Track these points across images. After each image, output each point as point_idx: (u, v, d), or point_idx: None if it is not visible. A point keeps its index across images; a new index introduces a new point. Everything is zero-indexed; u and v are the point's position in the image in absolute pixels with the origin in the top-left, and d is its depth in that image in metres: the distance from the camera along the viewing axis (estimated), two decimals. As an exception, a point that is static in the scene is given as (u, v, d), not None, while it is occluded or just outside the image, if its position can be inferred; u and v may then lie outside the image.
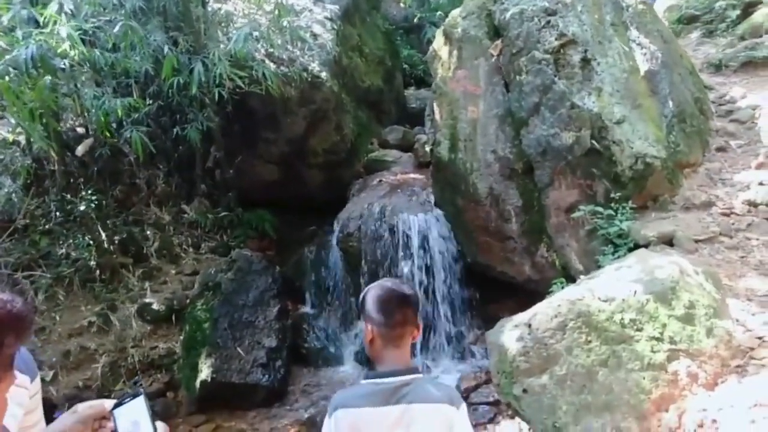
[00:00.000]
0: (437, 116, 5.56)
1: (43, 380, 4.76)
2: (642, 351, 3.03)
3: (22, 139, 5.85)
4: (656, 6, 9.33)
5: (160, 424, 1.28)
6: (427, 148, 6.36)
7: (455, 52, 5.36)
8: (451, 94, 5.36)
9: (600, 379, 3.07)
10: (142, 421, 1.27)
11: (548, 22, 4.65)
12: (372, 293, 1.70)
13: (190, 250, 6.36)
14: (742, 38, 6.93)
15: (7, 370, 1.12)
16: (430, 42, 9.86)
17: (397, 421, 1.54)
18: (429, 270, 5.50)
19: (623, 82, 4.45)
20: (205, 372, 4.93)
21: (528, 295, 5.00)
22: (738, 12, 7.44)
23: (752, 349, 2.96)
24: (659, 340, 3.04)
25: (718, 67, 6.40)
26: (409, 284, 1.77)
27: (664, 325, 3.06)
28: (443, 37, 5.55)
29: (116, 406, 1.29)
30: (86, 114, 5.86)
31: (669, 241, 3.82)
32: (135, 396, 1.29)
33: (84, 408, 1.29)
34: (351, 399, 1.61)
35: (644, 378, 3.00)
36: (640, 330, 3.08)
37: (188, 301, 5.56)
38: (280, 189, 7.01)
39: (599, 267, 4.00)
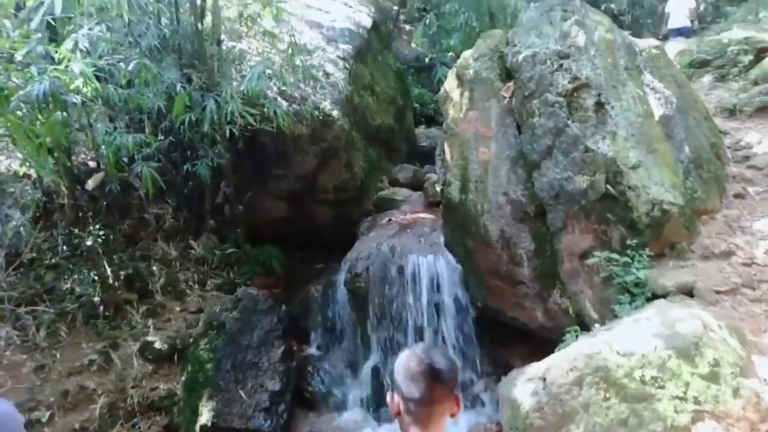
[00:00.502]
0: (448, 157, 5.52)
1: (39, 421, 4.65)
2: (664, 411, 2.87)
3: (32, 172, 5.86)
4: (668, 49, 9.40)
5: None
6: (438, 188, 6.30)
7: (467, 94, 5.35)
8: (462, 135, 5.33)
9: (619, 439, 2.91)
10: None
11: (561, 65, 4.63)
12: (402, 361, 1.52)
13: (196, 286, 6.27)
14: (755, 83, 6.89)
15: None
16: (440, 81, 9.94)
17: None
18: (437, 313, 5.36)
19: (638, 127, 4.40)
20: (205, 416, 4.77)
21: (540, 341, 4.84)
22: (750, 57, 7.42)
23: (783, 411, 2.79)
24: (683, 399, 2.88)
25: (732, 112, 6.35)
26: (445, 353, 1.54)
27: (688, 384, 2.91)
28: (455, 78, 5.56)
29: None
30: (98, 149, 5.87)
31: (688, 292, 3.68)
32: None
33: None
34: None
35: (667, 440, 2.83)
36: (661, 388, 2.93)
37: (191, 340, 5.44)
38: (289, 225, 6.95)
39: (615, 316, 3.87)
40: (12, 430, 1.48)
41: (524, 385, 3.24)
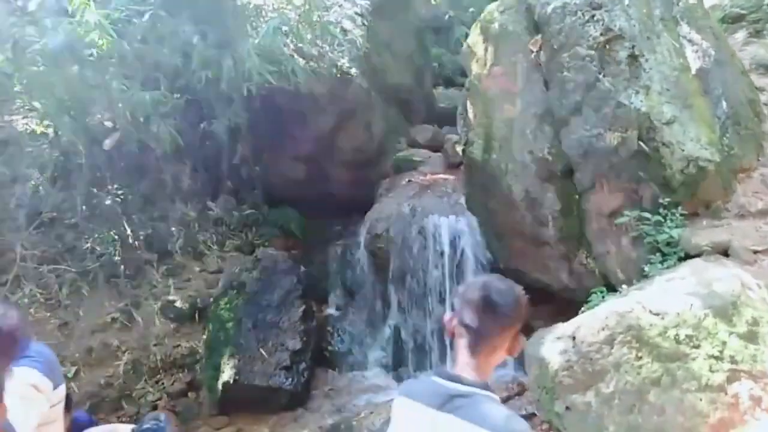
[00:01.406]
0: (470, 115, 5.35)
1: (65, 376, 4.73)
2: (699, 370, 2.80)
3: (50, 131, 5.81)
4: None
5: None
6: (459, 149, 6.15)
7: (491, 49, 5.14)
8: (486, 92, 5.14)
9: (651, 399, 2.85)
10: None
11: (593, 16, 4.39)
12: (465, 285, 1.55)
13: (215, 247, 6.26)
14: (794, 38, 6.58)
15: None
16: (459, 41, 9.64)
17: (434, 429, 1.42)
18: (459, 274, 5.30)
19: (673, 81, 4.19)
20: (227, 373, 4.81)
21: (563, 303, 4.77)
22: (789, 10, 7.07)
23: (824, 372, 2.71)
24: (718, 359, 2.80)
25: (767, 68, 6.06)
26: (509, 291, 1.49)
27: (724, 343, 2.82)
28: (479, 32, 5.34)
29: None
30: (114, 107, 5.79)
31: (724, 251, 3.55)
32: (156, 419, 1.14)
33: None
34: (413, 390, 1.52)
35: (701, 400, 2.77)
36: (696, 347, 2.85)
37: (212, 299, 5.46)
38: (306, 187, 6.88)
39: (645, 277, 3.77)
40: (56, 365, 1.46)
41: (553, 344, 3.18)
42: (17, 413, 1.10)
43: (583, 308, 3.91)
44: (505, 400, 4.57)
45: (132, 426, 1.18)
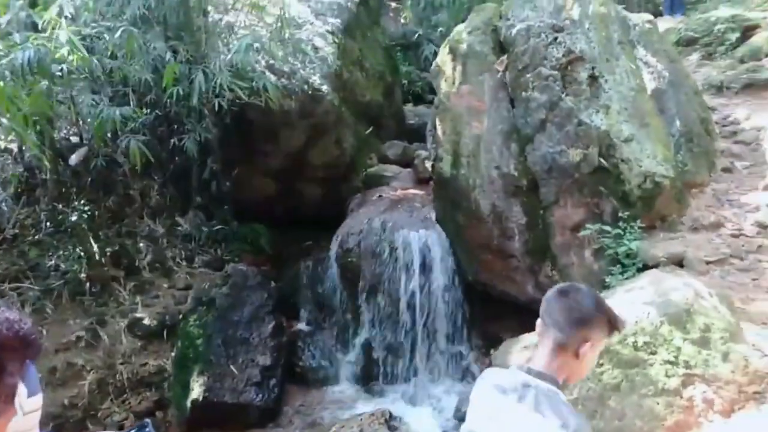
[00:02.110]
0: (439, 132, 5.48)
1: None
2: (656, 375, 2.93)
3: (14, 146, 5.71)
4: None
5: None
6: (428, 164, 6.27)
7: (459, 68, 5.31)
8: (454, 109, 5.29)
9: (612, 404, 2.97)
10: None
11: (555, 38, 4.61)
12: (551, 289, 1.71)
13: (184, 263, 6.19)
14: (742, 61, 6.97)
15: (7, 402, 0.96)
16: (427, 59, 9.86)
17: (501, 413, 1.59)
18: (428, 287, 5.38)
19: (631, 101, 4.41)
20: (196, 390, 4.75)
21: (530, 315, 4.86)
22: (737, 35, 7.49)
23: (770, 375, 2.86)
24: (674, 364, 2.94)
25: (719, 89, 6.41)
26: (584, 299, 1.63)
27: (679, 349, 2.97)
28: (447, 52, 5.50)
29: None
30: (81, 122, 5.74)
31: (679, 262, 3.74)
32: (142, 427, 1.17)
33: None
34: (492, 378, 1.69)
35: (658, 404, 2.90)
36: (653, 353, 2.98)
37: (181, 316, 5.40)
38: (277, 202, 6.89)
39: (606, 287, 3.92)
40: (33, 374, 1.46)
41: (520, 353, 3.27)
42: None
43: (548, 319, 4.03)
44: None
45: None
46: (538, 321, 1.68)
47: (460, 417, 4.67)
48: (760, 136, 5.04)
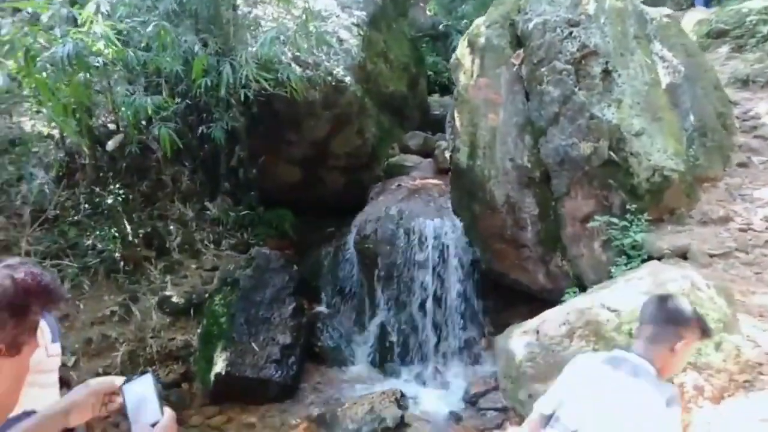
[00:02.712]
0: (457, 123, 5.61)
1: (65, 365, 4.97)
2: (649, 362, 3.03)
3: (56, 133, 6.08)
4: (687, 19, 9.26)
5: (166, 409, 1.33)
6: (447, 155, 6.41)
7: (477, 61, 5.41)
8: (472, 101, 5.41)
9: (606, 388, 3.08)
10: (149, 398, 1.33)
11: (570, 33, 4.67)
12: (657, 295, 2.18)
13: (211, 246, 6.51)
14: (772, 54, 6.84)
15: (31, 335, 1.22)
16: (456, 49, 9.93)
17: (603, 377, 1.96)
18: (443, 274, 5.55)
19: (644, 95, 4.46)
20: (219, 365, 5.05)
21: (542, 303, 4.99)
22: (769, 27, 7.33)
23: (761, 364, 2.95)
24: (667, 352, 3.04)
25: (744, 83, 6.33)
26: (689, 305, 2.06)
27: (672, 337, 3.06)
28: (466, 45, 5.61)
29: (125, 382, 1.38)
30: (117, 111, 6.06)
31: (683, 255, 3.81)
32: (143, 374, 1.38)
33: (95, 383, 1.40)
34: (587, 356, 2.24)
35: (650, 389, 3.00)
36: (647, 341, 3.08)
37: (207, 295, 5.70)
38: (301, 190, 7.14)
39: (611, 277, 4.01)
40: (54, 323, 1.71)
41: (519, 338, 3.42)
42: None
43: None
44: (483, 394, 4.82)
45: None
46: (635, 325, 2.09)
47: (468, 399, 4.85)
48: (779, 131, 5.01)
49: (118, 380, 1.39)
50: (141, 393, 1.34)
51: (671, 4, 14.44)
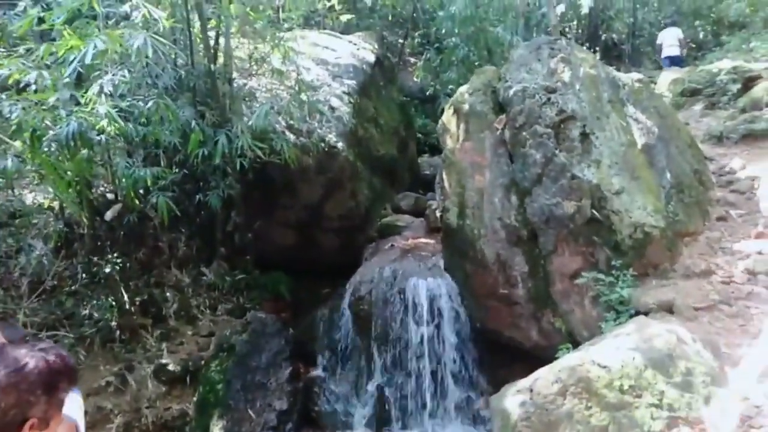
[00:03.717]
0: (446, 184, 5.82)
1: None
2: (642, 418, 3.09)
3: (56, 204, 6.23)
4: (662, 78, 9.75)
5: None
6: (438, 214, 6.58)
7: (462, 126, 5.69)
8: (459, 164, 5.64)
9: (600, 446, 3.11)
10: None
11: (549, 99, 4.95)
12: None
13: (207, 311, 6.54)
14: (743, 111, 7.18)
15: (58, 411, 1.36)
16: (443, 112, 10.35)
17: None
18: (438, 334, 5.59)
19: (621, 155, 4.69)
20: (216, 434, 5.00)
21: (537, 360, 5.03)
22: (739, 86, 7.74)
23: (750, 417, 3.00)
24: (658, 407, 3.10)
25: (719, 139, 6.62)
26: None
27: (663, 392, 3.13)
28: (452, 112, 5.90)
29: None
30: (116, 181, 6.25)
31: (669, 309, 3.91)
32: None
33: None
34: None
35: (644, 445, 3.04)
36: (639, 397, 3.15)
37: (203, 362, 5.70)
38: (296, 252, 7.26)
39: (602, 333, 4.09)
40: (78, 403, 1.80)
41: (514, 397, 3.46)
42: None
43: (551, 365, 4.20)
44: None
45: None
46: None
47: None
48: (754, 185, 5.23)
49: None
50: None
51: (648, 63, 15.18)
